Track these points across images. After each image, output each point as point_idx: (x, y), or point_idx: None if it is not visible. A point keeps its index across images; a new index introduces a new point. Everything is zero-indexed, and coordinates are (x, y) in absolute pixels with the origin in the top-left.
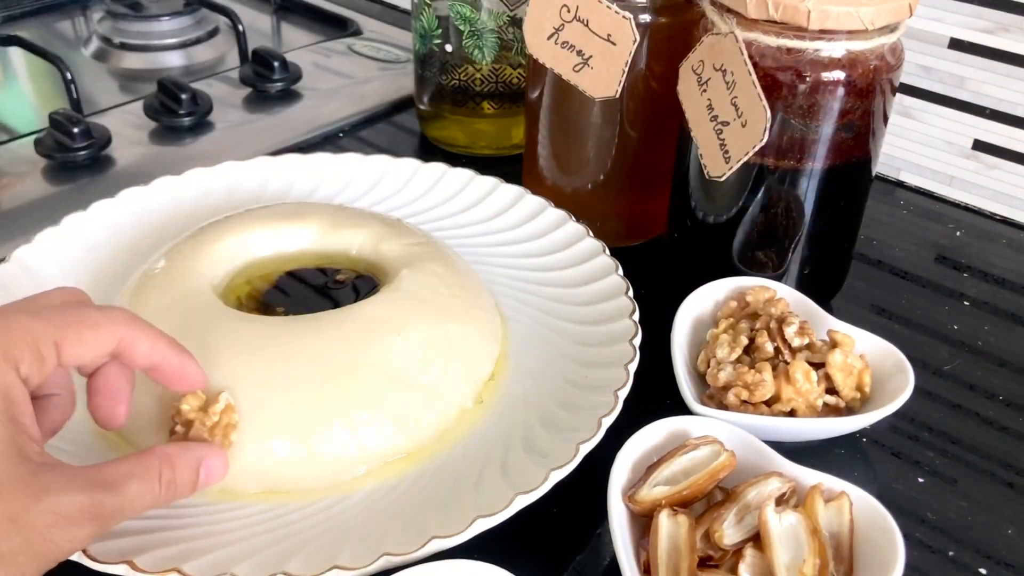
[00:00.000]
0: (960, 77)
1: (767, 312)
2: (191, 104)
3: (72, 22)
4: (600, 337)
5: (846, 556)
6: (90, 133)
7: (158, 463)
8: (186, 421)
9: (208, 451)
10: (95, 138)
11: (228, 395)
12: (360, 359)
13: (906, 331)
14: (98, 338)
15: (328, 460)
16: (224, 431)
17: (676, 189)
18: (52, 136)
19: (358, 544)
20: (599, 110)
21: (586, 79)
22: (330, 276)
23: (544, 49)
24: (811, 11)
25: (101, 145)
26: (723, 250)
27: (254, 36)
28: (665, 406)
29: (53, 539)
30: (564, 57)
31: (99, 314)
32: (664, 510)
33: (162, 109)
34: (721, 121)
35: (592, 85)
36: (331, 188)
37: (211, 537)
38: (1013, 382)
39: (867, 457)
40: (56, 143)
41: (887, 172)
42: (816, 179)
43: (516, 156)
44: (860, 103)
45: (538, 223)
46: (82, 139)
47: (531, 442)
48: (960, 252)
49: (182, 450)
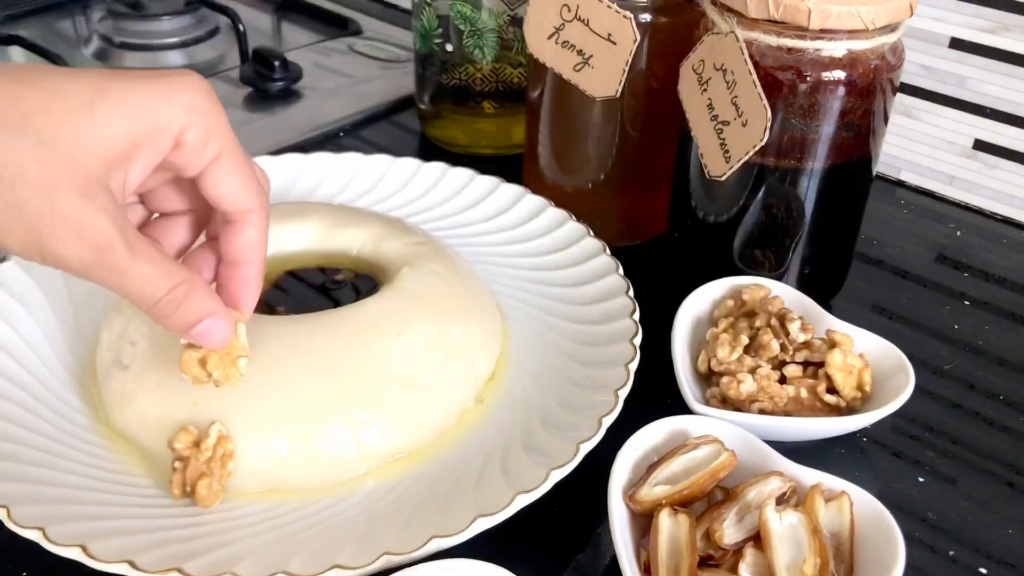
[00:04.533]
0: (961, 77)
1: (765, 310)
2: None
3: (73, 21)
4: (601, 336)
5: (846, 556)
6: None
7: (184, 281)
8: (182, 458)
9: (223, 315)
10: None
11: (220, 425)
12: (361, 358)
13: (906, 331)
14: (239, 193)
15: (328, 459)
16: (221, 462)
17: (676, 188)
18: None
19: (358, 543)
20: (600, 110)
21: (587, 78)
22: (330, 275)
23: (545, 48)
24: (812, 10)
25: None
26: (724, 249)
27: (255, 35)
28: (665, 406)
29: (56, 230)
30: (565, 56)
31: (263, 194)
32: (664, 509)
33: None
34: (722, 120)
35: (593, 84)
36: (332, 187)
37: (211, 536)
38: (1013, 382)
39: (867, 457)
40: None
41: (888, 172)
42: (817, 178)
43: (517, 156)
44: (861, 102)
45: (539, 222)
46: None
47: (531, 441)
48: (961, 252)
49: (205, 292)
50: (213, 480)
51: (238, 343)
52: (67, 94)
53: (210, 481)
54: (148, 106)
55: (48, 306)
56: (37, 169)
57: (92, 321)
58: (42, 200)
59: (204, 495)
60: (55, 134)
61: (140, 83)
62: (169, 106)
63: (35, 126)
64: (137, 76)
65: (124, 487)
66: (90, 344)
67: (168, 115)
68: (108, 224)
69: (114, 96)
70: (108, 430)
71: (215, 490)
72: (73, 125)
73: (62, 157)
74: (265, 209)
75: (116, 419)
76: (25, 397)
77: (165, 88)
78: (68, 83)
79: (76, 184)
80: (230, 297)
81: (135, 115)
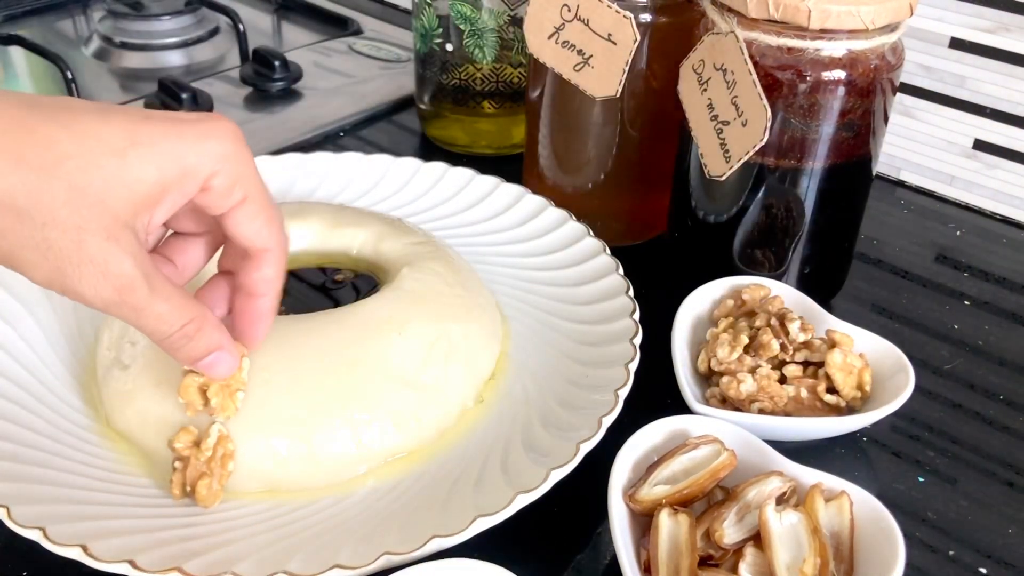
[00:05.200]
0: (961, 76)
1: (764, 310)
2: (192, 103)
3: (73, 21)
4: (601, 336)
5: (846, 555)
6: None
7: (195, 317)
8: (182, 458)
9: (228, 346)
10: None
11: (220, 425)
12: (361, 358)
13: (906, 330)
14: (261, 233)
15: (329, 459)
16: (222, 462)
17: (676, 188)
18: None
19: (358, 543)
20: (600, 109)
21: (587, 78)
22: (330, 275)
23: (545, 48)
24: (812, 10)
25: None
26: (724, 249)
27: (255, 35)
28: (665, 405)
29: (80, 271)
30: (565, 56)
31: (282, 233)
32: (665, 509)
33: (163, 108)
34: (722, 120)
35: (593, 84)
36: (332, 187)
37: (212, 536)
38: (1013, 382)
39: (867, 456)
40: None
41: (888, 171)
42: (816, 178)
43: (517, 155)
44: (861, 102)
45: (539, 222)
46: None
47: (531, 441)
48: (960, 252)
49: (215, 328)
50: (213, 480)
51: (240, 376)
52: (100, 137)
53: (210, 481)
54: (178, 152)
55: (48, 306)
56: (68, 212)
57: (92, 321)
58: (70, 242)
59: (204, 495)
60: (87, 178)
61: (172, 128)
62: (199, 153)
63: (68, 170)
64: (169, 120)
65: (124, 487)
66: (90, 344)
67: (197, 161)
68: (131, 265)
69: (146, 141)
70: (108, 430)
71: (215, 490)
72: (104, 169)
73: (92, 201)
74: (284, 248)
75: (116, 419)
76: (25, 397)
77: (195, 135)
78: (101, 126)
79: (104, 227)
80: (243, 326)
81: (165, 161)
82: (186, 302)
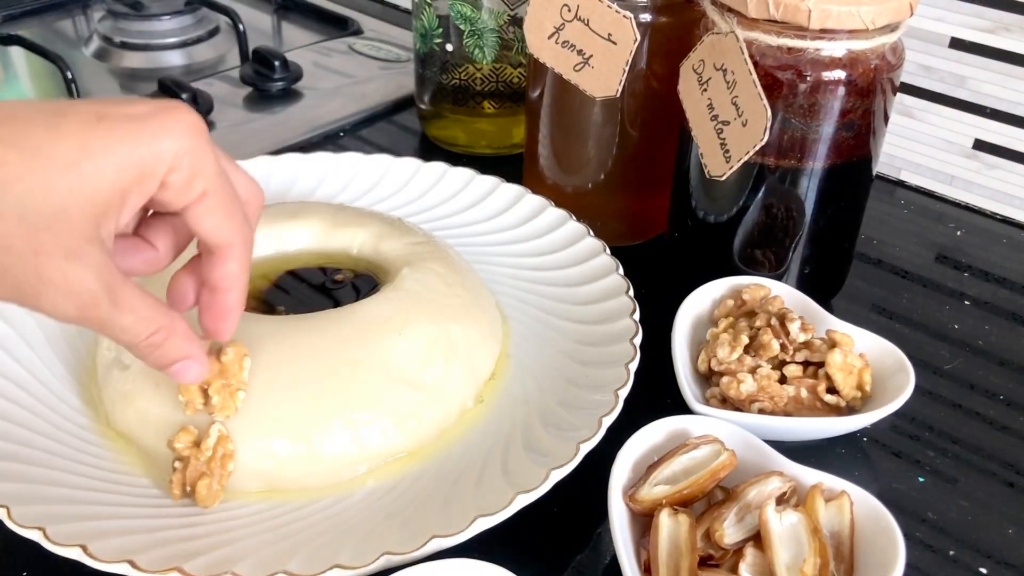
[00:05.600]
0: (961, 76)
1: (765, 310)
2: (191, 103)
3: (73, 21)
4: (601, 336)
5: (847, 555)
6: None
7: (163, 327)
8: (182, 458)
9: (196, 354)
10: None
11: (220, 425)
12: (361, 358)
13: (907, 330)
14: (221, 228)
15: (329, 459)
16: (222, 462)
17: (676, 188)
18: None
19: (358, 543)
20: (600, 109)
21: (587, 78)
22: (330, 275)
23: (545, 48)
24: (812, 10)
25: None
26: (724, 249)
27: (255, 35)
28: (665, 405)
29: (39, 291)
30: (565, 56)
31: (244, 227)
32: (665, 509)
33: None
34: (722, 120)
35: (593, 84)
36: (332, 187)
37: (212, 536)
38: (1013, 382)
39: (868, 456)
40: None
41: (888, 171)
42: (817, 178)
43: (517, 155)
44: (861, 102)
45: (539, 222)
46: None
47: (532, 441)
48: (960, 252)
49: (183, 337)
50: (213, 480)
51: (241, 376)
52: (52, 153)
53: (210, 481)
54: (136, 155)
55: None
56: (21, 240)
57: None
58: (26, 266)
59: (204, 495)
60: (40, 199)
61: (127, 128)
62: (156, 152)
63: (18, 193)
64: (123, 119)
65: (124, 487)
66: (90, 344)
67: (155, 161)
68: (93, 281)
69: (100, 148)
70: (108, 430)
71: (215, 490)
72: (58, 188)
73: (48, 222)
74: (247, 242)
75: (116, 419)
76: (25, 397)
77: (151, 133)
78: (52, 136)
79: (62, 247)
80: (210, 322)
81: (122, 166)
82: (152, 312)
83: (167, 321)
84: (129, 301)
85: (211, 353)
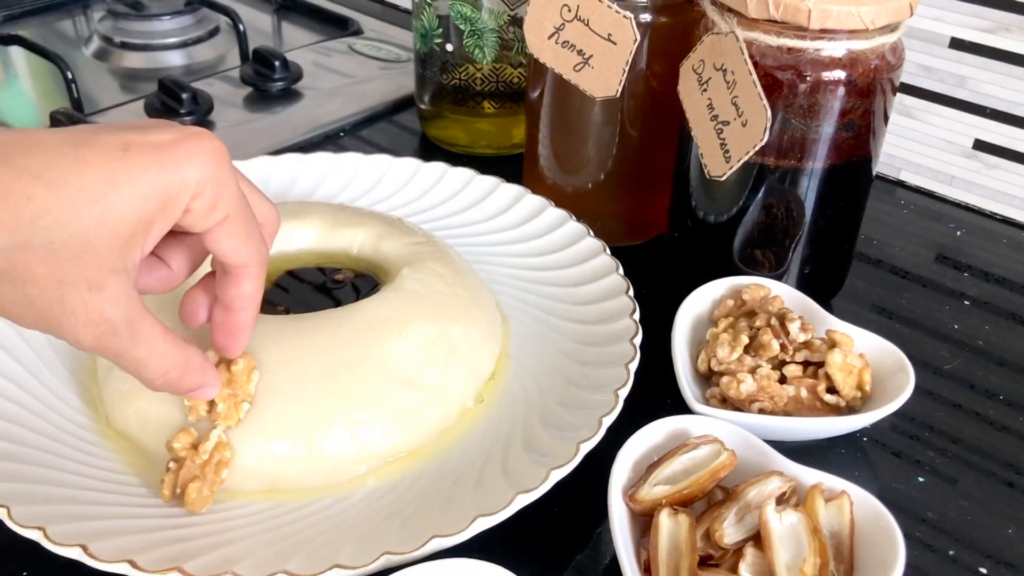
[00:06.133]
0: (961, 77)
1: (765, 310)
2: (192, 103)
3: (73, 21)
4: (601, 336)
5: (846, 555)
6: None
7: (177, 363)
8: (178, 459)
9: (210, 381)
10: None
11: (221, 431)
12: (361, 358)
13: (907, 330)
14: (240, 251)
15: (329, 459)
16: (216, 468)
17: (676, 188)
18: None
19: (358, 543)
20: (600, 110)
21: (587, 78)
22: (330, 275)
23: (545, 48)
24: (812, 10)
25: None
26: (724, 250)
27: (255, 35)
28: (665, 405)
29: (62, 321)
30: (565, 56)
31: (261, 249)
32: (665, 509)
33: (163, 108)
34: (722, 120)
35: (593, 85)
36: (332, 187)
37: (212, 536)
38: (1013, 382)
39: (868, 456)
40: None
41: (887, 172)
42: (817, 178)
43: (517, 156)
44: (861, 102)
45: (538, 222)
46: None
47: (531, 441)
48: (960, 252)
49: (198, 370)
50: (204, 485)
51: (247, 388)
52: (79, 186)
53: (201, 486)
54: (160, 184)
55: None
56: (46, 270)
57: None
58: (51, 297)
59: (193, 499)
60: (67, 232)
61: (152, 159)
62: (181, 180)
63: (46, 226)
64: (148, 149)
65: (124, 487)
66: None
67: (179, 189)
68: (113, 313)
69: (125, 180)
70: (108, 430)
71: (204, 496)
72: (84, 220)
73: (73, 253)
74: (263, 264)
75: (116, 419)
76: (25, 397)
77: (175, 162)
78: (78, 168)
79: (86, 278)
80: (222, 339)
81: (147, 196)
82: (168, 349)
83: (181, 359)
84: (146, 335)
85: (221, 362)
